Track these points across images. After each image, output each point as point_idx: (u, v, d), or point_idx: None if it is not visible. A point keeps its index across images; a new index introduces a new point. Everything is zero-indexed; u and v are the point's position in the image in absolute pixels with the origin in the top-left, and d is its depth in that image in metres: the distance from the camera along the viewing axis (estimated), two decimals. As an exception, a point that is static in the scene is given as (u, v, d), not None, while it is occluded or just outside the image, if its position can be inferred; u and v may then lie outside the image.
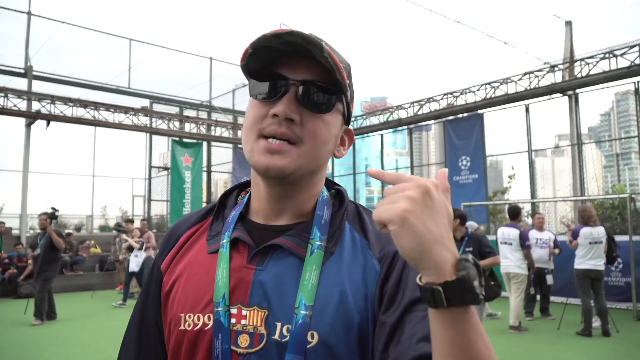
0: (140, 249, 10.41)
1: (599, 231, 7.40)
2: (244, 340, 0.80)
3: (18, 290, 11.90)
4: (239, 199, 0.99)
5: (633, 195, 9.33)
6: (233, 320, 0.81)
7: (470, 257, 0.60)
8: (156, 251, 13.08)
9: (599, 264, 7.30)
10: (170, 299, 0.90)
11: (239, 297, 0.83)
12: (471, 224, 8.70)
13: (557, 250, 8.66)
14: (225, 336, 0.80)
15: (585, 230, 7.40)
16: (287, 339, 0.78)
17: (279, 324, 0.80)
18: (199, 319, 0.84)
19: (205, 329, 0.83)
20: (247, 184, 1.01)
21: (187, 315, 0.85)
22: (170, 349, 0.87)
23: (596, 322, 7.38)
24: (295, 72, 0.83)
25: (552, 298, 9.05)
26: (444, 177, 0.66)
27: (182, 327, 0.85)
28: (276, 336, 0.79)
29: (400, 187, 0.61)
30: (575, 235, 7.51)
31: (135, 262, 10.25)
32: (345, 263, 0.85)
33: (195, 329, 0.83)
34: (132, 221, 12.64)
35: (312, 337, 0.78)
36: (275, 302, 0.81)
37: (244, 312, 0.82)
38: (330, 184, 0.99)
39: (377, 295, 0.81)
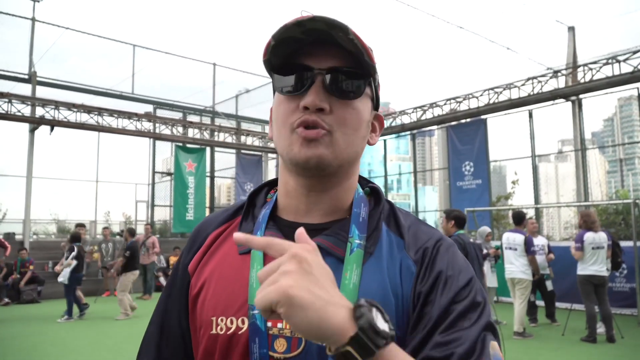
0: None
1: (602, 236, 7.37)
2: (280, 345, 0.77)
3: (21, 295, 11.93)
4: (268, 197, 0.97)
5: (637, 201, 9.28)
6: (269, 324, 0.78)
7: (362, 300, 0.59)
8: (159, 257, 13.15)
9: (602, 269, 7.26)
10: (200, 302, 0.87)
11: None
12: (484, 229, 8.70)
13: (551, 255, 8.63)
14: (263, 340, 0.77)
15: (588, 236, 7.36)
16: None
17: None
18: (232, 322, 0.81)
19: (240, 332, 0.80)
20: (274, 183, 0.99)
21: (220, 319, 0.82)
22: (201, 354, 0.85)
23: (601, 328, 7.34)
24: (319, 61, 0.81)
25: (556, 304, 9.00)
26: (305, 237, 0.65)
27: (214, 331, 0.82)
28: None
29: (275, 264, 0.60)
30: (579, 240, 7.47)
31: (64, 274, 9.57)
32: (384, 264, 0.82)
33: (228, 332, 0.81)
34: (82, 225, 12.10)
35: None
36: None
37: None
38: (364, 181, 0.97)
39: (412, 298, 0.79)
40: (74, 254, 9.54)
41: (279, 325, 0.78)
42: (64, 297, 9.67)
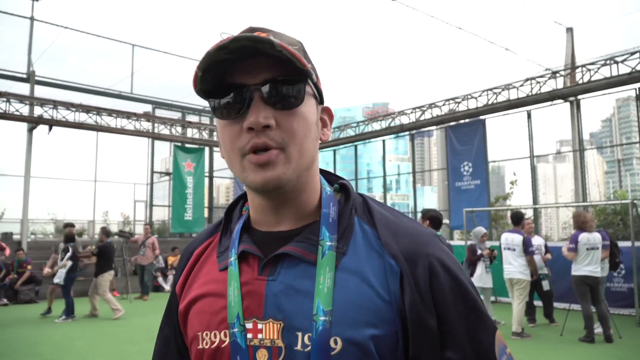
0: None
1: (595, 237, 7.37)
2: (262, 356, 0.78)
3: (18, 295, 11.91)
4: (243, 210, 0.96)
5: (635, 201, 9.30)
6: (250, 336, 0.79)
7: None
8: (158, 257, 13.14)
9: (596, 270, 7.25)
10: (189, 320, 0.89)
11: (253, 311, 0.80)
12: (479, 230, 8.69)
13: (548, 255, 8.65)
14: (244, 356, 0.78)
15: (583, 236, 7.37)
16: (309, 348, 0.75)
17: (299, 334, 0.76)
18: (215, 336, 0.82)
19: (222, 346, 0.81)
20: None
21: (204, 334, 0.84)
22: None
23: (598, 328, 7.35)
24: (253, 76, 0.78)
25: (555, 304, 9.02)
26: None
27: (200, 346, 0.84)
28: (299, 347, 0.76)
29: None
30: (573, 241, 7.48)
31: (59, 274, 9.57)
32: (361, 261, 0.80)
33: (212, 347, 0.82)
34: (72, 225, 11.71)
35: (336, 342, 0.75)
36: (291, 312, 0.78)
37: (259, 326, 0.79)
38: (334, 177, 0.95)
39: (401, 298, 0.77)
40: (68, 254, 9.49)
41: (259, 335, 0.78)
42: (62, 297, 9.64)
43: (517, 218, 8.04)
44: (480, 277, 8.20)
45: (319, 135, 0.88)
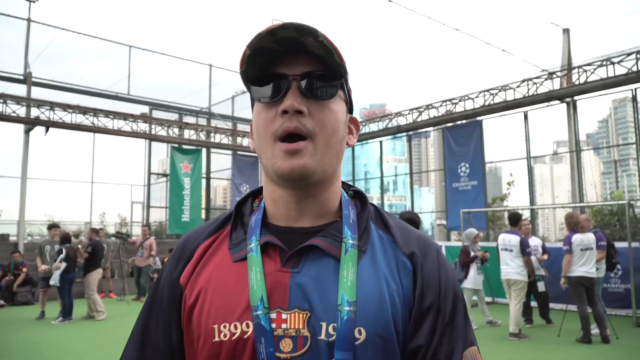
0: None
1: (589, 237, 7.37)
2: (286, 345, 0.79)
3: (15, 297, 11.87)
4: (254, 206, 0.98)
5: (631, 202, 9.33)
6: (273, 325, 0.80)
7: None
8: (155, 258, 13.11)
9: (591, 270, 7.25)
10: (197, 312, 0.86)
11: (277, 301, 0.81)
12: (471, 231, 8.70)
13: (545, 256, 8.66)
14: (269, 339, 0.78)
15: (576, 237, 7.38)
16: (333, 337, 0.78)
17: (324, 324, 0.79)
18: (236, 327, 0.81)
19: (245, 336, 0.80)
20: (258, 192, 1.01)
21: (222, 326, 0.82)
22: None
23: (595, 329, 7.36)
24: (293, 68, 0.85)
25: (551, 305, 9.04)
26: None
27: (217, 339, 0.82)
28: (322, 336, 0.78)
29: None
30: (567, 242, 7.49)
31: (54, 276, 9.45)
32: (379, 260, 0.86)
33: (233, 338, 0.81)
34: (56, 226, 11.54)
35: (360, 333, 0.78)
36: (317, 303, 0.80)
37: (284, 316, 0.80)
38: (345, 186, 0.99)
39: (412, 295, 0.85)
40: (62, 256, 9.42)
41: (284, 325, 0.80)
42: (55, 300, 9.59)
43: (515, 219, 8.05)
44: (474, 279, 8.23)
45: (346, 137, 0.93)
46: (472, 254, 8.29)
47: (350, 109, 0.95)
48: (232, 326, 0.81)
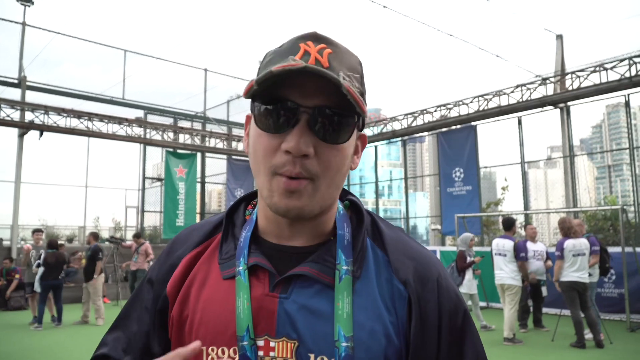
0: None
1: (582, 243, 7.40)
2: None
3: (8, 303, 11.79)
4: (246, 214, 0.93)
5: (625, 207, 9.37)
6: (261, 353, 0.77)
7: None
8: (149, 263, 13.03)
9: (584, 276, 7.27)
10: (187, 330, 0.84)
11: (265, 328, 0.78)
12: (466, 236, 8.72)
13: (549, 262, 8.68)
14: None
15: (568, 243, 7.41)
16: None
17: (312, 355, 0.76)
18: (223, 352, 0.79)
19: None
20: (252, 196, 0.96)
21: (210, 349, 0.80)
22: None
23: (589, 334, 7.38)
24: (305, 96, 0.75)
25: (546, 310, 9.07)
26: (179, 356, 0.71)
27: None
28: None
29: None
30: (559, 248, 7.52)
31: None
32: (373, 287, 0.81)
33: None
34: (40, 230, 11.29)
35: None
36: (305, 332, 0.77)
37: (272, 344, 0.77)
38: (342, 193, 0.93)
39: (408, 326, 0.80)
40: (39, 261, 9.27)
41: (272, 354, 0.77)
42: (55, 304, 9.50)
43: (509, 224, 8.08)
44: (469, 283, 8.25)
45: (350, 165, 0.85)
46: (469, 259, 8.31)
47: (362, 127, 0.86)
48: (220, 351, 0.79)
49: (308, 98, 0.75)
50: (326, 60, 0.75)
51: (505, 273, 7.65)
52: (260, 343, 0.78)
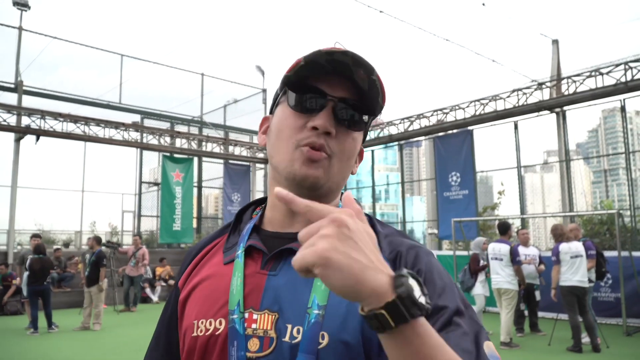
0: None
1: (577, 245, 7.44)
2: (253, 345, 0.81)
3: (4, 308, 11.73)
4: (254, 213, 1.02)
5: (621, 211, 9.41)
6: (244, 324, 0.83)
7: (404, 271, 0.60)
8: (146, 268, 13.01)
9: (583, 280, 7.28)
10: (186, 309, 0.92)
11: (251, 302, 0.84)
12: (479, 240, 8.77)
13: (542, 266, 8.71)
14: (241, 343, 0.81)
15: (563, 247, 7.44)
16: (297, 340, 0.79)
17: (289, 326, 0.80)
18: (210, 324, 0.85)
19: (217, 333, 0.84)
20: (262, 201, 1.04)
21: (200, 322, 0.87)
22: (184, 357, 0.89)
23: (586, 338, 7.39)
24: (333, 89, 0.86)
25: (542, 314, 9.08)
26: (351, 200, 0.66)
27: (194, 334, 0.86)
28: (286, 338, 0.80)
29: (314, 228, 0.60)
30: (555, 253, 7.54)
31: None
32: None
33: (207, 334, 0.85)
34: (38, 236, 11.08)
35: (323, 337, 0.78)
36: (286, 305, 0.82)
37: (254, 317, 0.83)
38: (341, 195, 1.00)
39: None
40: (24, 266, 9.22)
41: (253, 325, 0.82)
42: (43, 309, 9.35)
43: (504, 228, 8.10)
44: (484, 286, 8.29)
45: (354, 166, 0.95)
46: (482, 262, 8.34)
47: (364, 140, 0.98)
48: (208, 322, 0.85)
49: (335, 90, 0.86)
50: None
51: (502, 277, 7.67)
52: (245, 316, 0.83)
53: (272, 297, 0.84)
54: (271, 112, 0.97)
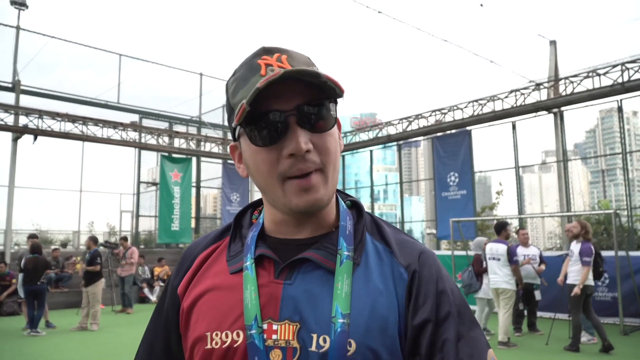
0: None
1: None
2: (276, 356, 0.79)
3: (1, 308, 11.71)
4: (253, 218, 0.98)
5: (618, 211, 9.43)
6: (264, 336, 0.81)
7: None
8: (144, 268, 12.98)
9: (591, 278, 7.34)
10: (193, 320, 0.88)
11: (268, 312, 0.82)
12: (481, 240, 8.70)
13: (543, 266, 8.71)
14: (262, 358, 0.79)
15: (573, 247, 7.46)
16: (324, 349, 0.78)
17: (314, 336, 0.79)
18: (227, 336, 0.83)
19: (235, 345, 0.82)
20: (258, 203, 1.01)
21: (214, 334, 0.84)
22: None
23: (584, 337, 7.40)
24: (285, 101, 0.80)
25: (540, 313, 9.09)
26: None
27: (208, 346, 0.83)
28: (313, 347, 0.79)
29: None
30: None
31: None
32: (373, 273, 0.85)
33: (223, 346, 0.82)
34: (35, 236, 11.04)
35: (350, 345, 0.78)
36: (308, 314, 0.81)
37: (274, 327, 0.81)
38: (343, 195, 0.99)
39: (407, 305, 0.83)
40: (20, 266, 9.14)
41: (274, 336, 0.80)
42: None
43: (499, 227, 8.08)
44: (488, 289, 8.23)
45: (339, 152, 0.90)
46: (485, 263, 8.29)
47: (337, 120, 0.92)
48: (224, 334, 0.83)
49: (287, 102, 0.80)
50: (287, 64, 0.81)
51: (500, 277, 7.67)
52: (264, 326, 0.81)
53: (291, 307, 0.82)
54: (234, 139, 0.91)
